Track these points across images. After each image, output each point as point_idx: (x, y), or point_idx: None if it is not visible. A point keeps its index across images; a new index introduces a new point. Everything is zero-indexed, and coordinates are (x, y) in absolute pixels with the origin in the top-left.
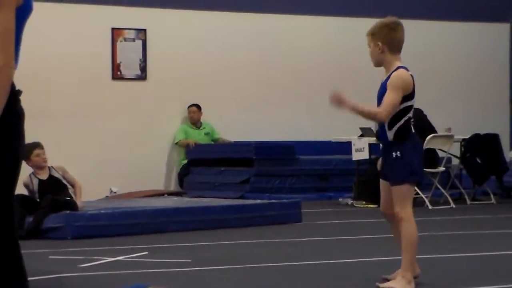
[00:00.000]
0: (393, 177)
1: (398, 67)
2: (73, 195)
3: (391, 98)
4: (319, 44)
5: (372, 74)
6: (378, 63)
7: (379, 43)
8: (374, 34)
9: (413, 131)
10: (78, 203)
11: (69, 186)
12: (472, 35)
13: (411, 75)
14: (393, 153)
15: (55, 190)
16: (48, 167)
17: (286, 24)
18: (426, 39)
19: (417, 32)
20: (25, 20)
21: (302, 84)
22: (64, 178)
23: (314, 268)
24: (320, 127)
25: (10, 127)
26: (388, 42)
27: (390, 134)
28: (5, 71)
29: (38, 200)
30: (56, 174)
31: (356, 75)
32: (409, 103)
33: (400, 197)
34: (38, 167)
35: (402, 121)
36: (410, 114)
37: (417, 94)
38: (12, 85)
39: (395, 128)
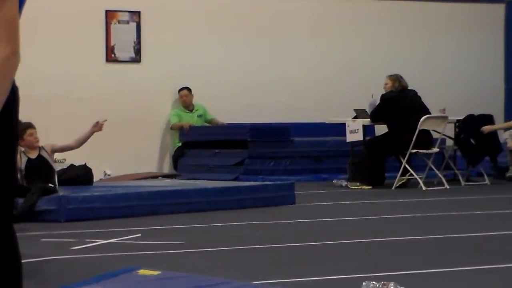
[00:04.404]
0: None
1: None
2: (56, 182)
3: None
4: (312, 25)
5: (366, 54)
6: None
7: None
8: None
9: None
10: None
11: (57, 169)
12: (467, 16)
13: None
14: None
15: (41, 171)
16: (39, 147)
17: (279, 4)
18: (420, 20)
19: (411, 13)
20: (23, 7)
21: (296, 65)
22: (55, 152)
23: (308, 250)
24: (314, 109)
25: (7, 106)
26: None
27: None
28: (13, 59)
29: (22, 178)
30: (45, 155)
31: (348, 56)
32: None
33: None
34: (30, 146)
35: None
36: None
37: (411, 75)
38: None
39: None
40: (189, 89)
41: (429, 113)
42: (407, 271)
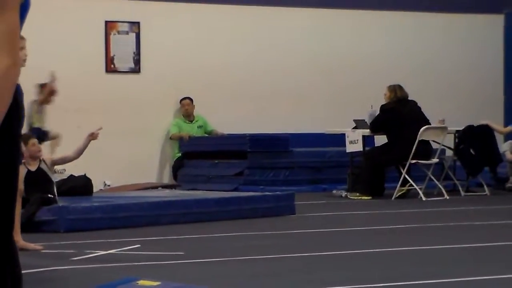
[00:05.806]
0: None
1: None
2: (55, 192)
3: None
4: (311, 36)
5: (365, 65)
6: None
7: None
8: None
9: None
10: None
11: (55, 180)
12: (466, 27)
13: None
14: None
15: (40, 184)
16: (40, 159)
17: (278, 16)
18: (419, 31)
19: (411, 24)
20: (25, 18)
21: (296, 76)
22: (56, 165)
23: (307, 260)
24: (314, 119)
25: (11, 115)
26: None
27: None
28: (13, 71)
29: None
30: (44, 167)
31: (348, 67)
32: None
33: None
34: (32, 157)
35: None
36: None
37: (411, 85)
38: None
39: None
40: (191, 99)
41: (429, 123)
42: (405, 281)
